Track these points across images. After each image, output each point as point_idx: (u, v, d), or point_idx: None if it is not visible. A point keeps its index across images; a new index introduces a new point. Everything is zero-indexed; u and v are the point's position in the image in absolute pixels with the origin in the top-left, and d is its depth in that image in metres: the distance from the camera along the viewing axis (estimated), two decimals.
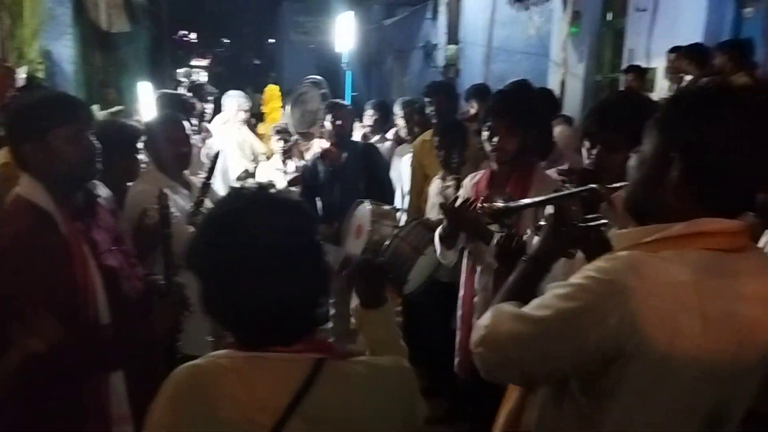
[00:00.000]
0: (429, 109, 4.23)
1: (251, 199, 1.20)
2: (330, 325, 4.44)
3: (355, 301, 1.52)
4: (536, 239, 1.56)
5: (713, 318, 1.12)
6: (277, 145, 5.08)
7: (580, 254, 1.53)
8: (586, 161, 2.02)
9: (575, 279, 1.17)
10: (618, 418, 1.17)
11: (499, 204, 2.01)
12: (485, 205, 2.05)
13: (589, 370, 1.16)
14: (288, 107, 5.67)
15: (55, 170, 1.87)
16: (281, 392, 1.13)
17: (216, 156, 3.29)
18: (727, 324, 1.13)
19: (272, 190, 1.25)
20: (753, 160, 1.15)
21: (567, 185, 2.00)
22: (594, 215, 1.56)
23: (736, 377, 1.18)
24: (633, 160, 1.29)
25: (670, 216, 1.19)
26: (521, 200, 1.97)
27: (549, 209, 1.52)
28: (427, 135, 4.06)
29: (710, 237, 1.16)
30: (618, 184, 1.48)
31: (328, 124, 4.07)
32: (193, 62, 24.97)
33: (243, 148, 5.34)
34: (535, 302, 1.21)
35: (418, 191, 4.20)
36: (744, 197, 1.22)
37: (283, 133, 5.14)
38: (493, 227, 2.38)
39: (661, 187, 1.19)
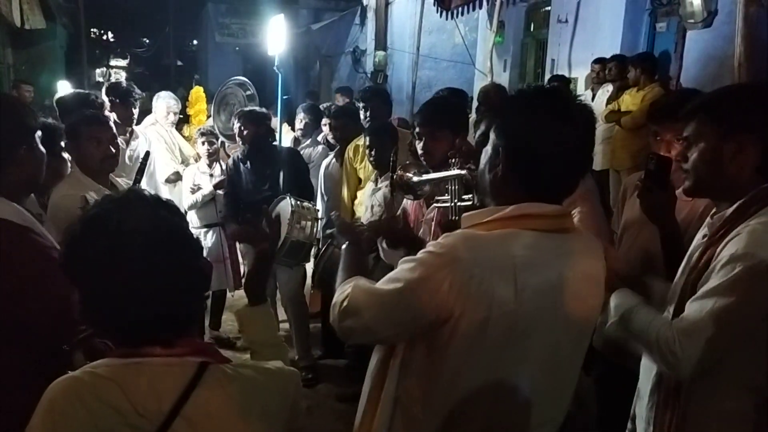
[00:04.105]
0: (364, 114, 4.25)
1: (117, 200, 1.20)
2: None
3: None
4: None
5: (526, 287, 1.30)
6: (203, 148, 4.98)
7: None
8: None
9: (420, 253, 1.35)
10: (450, 370, 1.34)
11: (413, 177, 2.22)
12: (401, 176, 2.21)
13: (432, 328, 1.32)
14: (213, 110, 5.56)
15: (22, 184, 1.85)
16: (164, 397, 1.13)
17: (146, 157, 3.19)
18: (540, 293, 1.31)
19: (143, 192, 1.25)
20: (559, 154, 1.33)
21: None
22: (468, 196, 1.96)
23: (556, 335, 1.37)
24: None
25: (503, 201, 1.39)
26: (427, 175, 2.23)
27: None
28: (360, 140, 4.09)
29: (533, 219, 1.35)
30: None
31: (237, 137, 4.12)
32: (112, 62, 24.16)
33: (172, 150, 5.20)
34: (389, 275, 1.39)
35: (352, 195, 4.22)
36: (559, 186, 1.40)
37: (208, 135, 5.03)
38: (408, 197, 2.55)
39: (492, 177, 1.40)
